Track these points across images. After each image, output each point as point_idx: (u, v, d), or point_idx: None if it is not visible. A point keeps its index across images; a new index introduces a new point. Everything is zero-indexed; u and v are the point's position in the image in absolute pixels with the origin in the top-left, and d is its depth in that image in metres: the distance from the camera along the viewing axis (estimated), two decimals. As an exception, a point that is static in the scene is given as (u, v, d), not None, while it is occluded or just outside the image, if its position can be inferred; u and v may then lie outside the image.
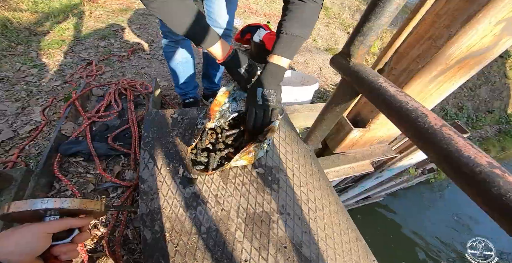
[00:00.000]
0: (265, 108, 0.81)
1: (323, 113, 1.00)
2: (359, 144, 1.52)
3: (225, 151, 0.95)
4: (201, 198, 0.91)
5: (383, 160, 2.33)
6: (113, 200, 1.01)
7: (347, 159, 1.55)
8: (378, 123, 1.38)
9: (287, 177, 1.01)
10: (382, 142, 1.66)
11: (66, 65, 2.33)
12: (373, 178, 2.83)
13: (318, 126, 1.04)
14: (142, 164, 0.96)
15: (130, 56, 2.60)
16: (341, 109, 0.93)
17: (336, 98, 0.92)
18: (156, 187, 0.91)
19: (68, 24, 2.93)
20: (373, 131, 1.44)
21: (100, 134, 1.21)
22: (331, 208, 0.97)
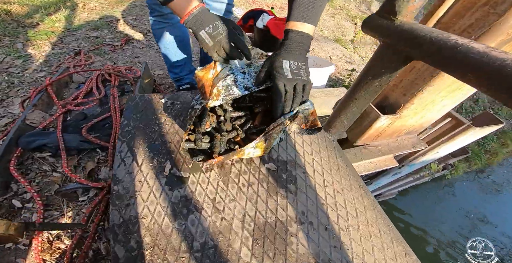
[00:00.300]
0: (296, 82, 0.61)
1: (353, 92, 0.76)
2: (385, 134, 1.28)
3: (232, 133, 0.72)
4: (194, 204, 0.68)
5: (404, 154, 2.08)
6: (83, 204, 0.80)
7: (371, 152, 1.31)
8: (412, 109, 1.13)
9: (307, 174, 0.78)
10: (411, 132, 1.41)
11: (53, 56, 2.15)
12: (391, 174, 2.57)
13: (346, 109, 0.80)
14: (118, 159, 0.74)
15: (123, 46, 2.40)
16: (381, 83, 0.69)
17: (375, 69, 0.68)
18: (134, 189, 0.69)
19: (60, 16, 2.76)
20: (404, 118, 1.19)
21: (75, 124, 1.00)
22: (368, 214, 0.73)
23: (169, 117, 0.89)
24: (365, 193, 0.79)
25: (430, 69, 1.00)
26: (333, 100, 1.30)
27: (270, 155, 0.80)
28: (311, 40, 0.64)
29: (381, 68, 0.66)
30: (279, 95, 0.61)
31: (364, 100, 0.75)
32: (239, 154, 0.66)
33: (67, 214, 0.82)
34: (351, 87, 0.79)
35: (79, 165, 0.90)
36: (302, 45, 0.63)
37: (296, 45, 0.62)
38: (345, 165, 0.82)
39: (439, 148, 1.88)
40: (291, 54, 0.62)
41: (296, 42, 0.62)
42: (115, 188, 0.69)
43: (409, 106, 1.10)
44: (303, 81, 0.61)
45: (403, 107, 1.12)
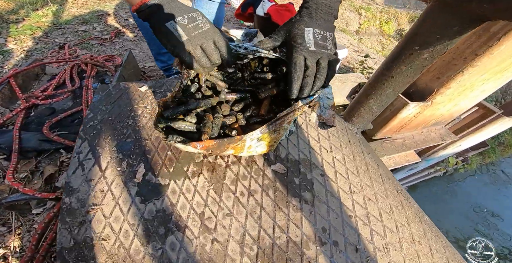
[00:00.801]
0: (321, 56, 0.45)
1: (388, 68, 0.57)
2: (411, 125, 1.08)
3: (230, 118, 0.53)
4: (175, 220, 0.50)
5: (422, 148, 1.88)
6: (32, 221, 0.62)
7: (393, 146, 1.11)
8: (447, 95, 0.93)
9: (326, 177, 0.59)
10: (438, 123, 1.21)
11: (36, 50, 1.99)
12: (406, 170, 2.36)
13: (377, 91, 0.61)
14: (74, 163, 0.56)
15: (113, 39, 2.22)
16: (434, 54, 0.50)
17: (425, 35, 0.49)
18: (93, 202, 0.51)
19: (47, 11, 2.62)
20: (435, 107, 0.99)
21: (39, 120, 0.83)
22: (412, 228, 0.54)
23: (148, 108, 0.71)
24: (406, 200, 0.59)
25: (474, 47, 0.80)
26: (347, 87, 1.10)
27: (277, 153, 0.61)
28: (339, 5, 0.49)
29: (436, 34, 0.46)
30: (297, 71, 0.45)
31: (404, 78, 0.55)
32: (238, 147, 0.46)
33: (16, 230, 0.64)
34: (384, 62, 0.59)
35: (37, 170, 0.72)
36: (330, 10, 0.48)
37: (322, 10, 0.47)
38: (375, 163, 0.62)
39: (462, 141, 1.68)
40: (316, 20, 0.47)
41: (322, 5, 0.47)
42: (66, 201, 0.51)
43: (444, 91, 0.90)
44: (329, 55, 0.46)
45: (436, 93, 0.92)
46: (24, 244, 0.58)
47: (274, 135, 0.48)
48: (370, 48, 3.73)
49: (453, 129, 1.62)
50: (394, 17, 4.16)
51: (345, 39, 3.02)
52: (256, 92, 0.57)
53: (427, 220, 0.59)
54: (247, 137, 0.45)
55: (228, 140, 0.44)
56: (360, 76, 1.12)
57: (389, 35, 4.12)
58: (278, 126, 0.46)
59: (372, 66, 1.76)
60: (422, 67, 0.53)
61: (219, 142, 0.44)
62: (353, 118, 0.70)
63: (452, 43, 0.48)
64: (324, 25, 0.47)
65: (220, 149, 0.45)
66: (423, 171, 2.69)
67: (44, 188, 0.71)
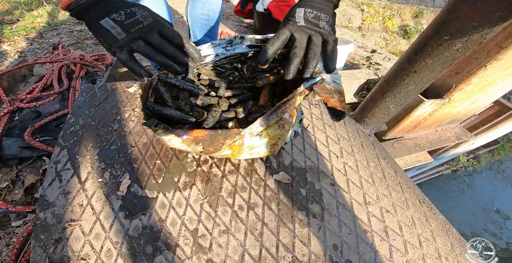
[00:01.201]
0: (313, 33, 0.41)
1: (410, 61, 0.49)
2: (425, 124, 0.99)
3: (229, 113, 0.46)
4: (164, 238, 0.44)
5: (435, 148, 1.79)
6: (12, 235, 0.56)
7: (406, 147, 1.03)
8: (467, 92, 0.85)
9: (337, 187, 0.51)
10: (453, 121, 1.12)
11: (30, 51, 1.95)
12: (415, 169, 2.28)
13: (395, 88, 0.53)
14: (51, 174, 0.49)
15: (107, 38, 2.17)
16: (469, 44, 0.44)
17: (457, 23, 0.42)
18: (71, 217, 0.45)
19: (42, 11, 2.57)
20: (453, 104, 0.90)
21: (22, 125, 0.77)
22: (438, 242, 0.47)
23: (136, 111, 0.64)
24: (430, 211, 0.52)
25: (498, 39, 0.72)
26: (354, 84, 1.02)
27: (280, 160, 0.53)
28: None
29: (472, 21, 0.39)
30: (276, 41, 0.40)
31: (430, 73, 0.48)
32: (235, 146, 0.39)
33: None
34: (404, 55, 0.51)
35: (18, 179, 0.66)
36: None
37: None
38: (393, 170, 0.54)
39: (476, 139, 1.59)
40: (311, 3, 0.45)
41: None
42: (40, 216, 0.45)
43: (463, 87, 0.82)
44: (322, 33, 0.41)
45: (454, 90, 0.83)
46: (4, 258, 0.53)
47: (278, 131, 0.41)
48: (374, 44, 3.63)
49: (467, 127, 1.53)
50: (397, 13, 4.04)
51: (348, 35, 2.93)
52: (255, 82, 0.51)
53: (455, 232, 0.51)
54: (246, 131, 0.37)
55: (223, 132, 0.37)
56: (369, 72, 1.04)
57: (392, 31, 4.00)
58: (280, 117, 0.39)
59: (379, 62, 1.67)
60: (452, 60, 0.45)
61: (211, 134, 0.36)
62: (365, 119, 0.63)
63: (492, 32, 0.40)
64: (318, 6, 0.45)
65: (213, 144, 0.37)
66: (431, 169, 2.60)
67: (24, 199, 0.64)
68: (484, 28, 0.41)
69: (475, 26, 0.41)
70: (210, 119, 0.43)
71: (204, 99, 0.47)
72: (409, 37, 3.63)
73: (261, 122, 0.38)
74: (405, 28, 3.83)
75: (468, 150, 1.90)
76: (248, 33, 2.45)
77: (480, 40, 0.42)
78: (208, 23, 1.09)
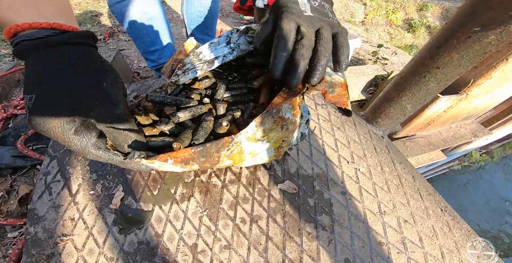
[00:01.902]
0: (322, 25, 0.32)
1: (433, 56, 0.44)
2: (439, 121, 0.93)
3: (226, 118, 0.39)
4: (161, 255, 0.40)
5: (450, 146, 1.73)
6: (8, 246, 0.53)
7: (418, 146, 0.97)
8: (486, 87, 0.79)
9: (349, 195, 0.47)
10: (469, 117, 1.06)
11: None
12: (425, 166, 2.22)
13: (414, 86, 0.48)
14: (40, 186, 0.46)
15: (107, 40, 2.13)
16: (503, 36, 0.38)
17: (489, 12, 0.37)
18: (62, 232, 0.42)
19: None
20: (470, 100, 0.84)
21: (16, 133, 0.74)
22: (463, 254, 0.43)
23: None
24: (453, 219, 0.47)
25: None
26: (362, 80, 0.97)
27: (285, 168, 0.49)
28: None
29: (509, 10, 0.33)
30: (283, 39, 0.30)
31: (455, 69, 0.43)
32: (235, 154, 0.34)
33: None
34: (423, 50, 0.46)
35: (13, 189, 0.63)
36: None
37: None
38: (410, 175, 0.50)
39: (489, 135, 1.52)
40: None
41: None
42: (31, 231, 0.42)
43: (482, 82, 0.76)
44: (332, 25, 0.33)
45: (472, 85, 0.77)
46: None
47: (282, 133, 0.36)
48: (378, 38, 3.53)
49: (481, 122, 1.46)
50: (401, 6, 3.92)
51: (352, 29, 2.84)
52: (251, 82, 0.46)
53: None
54: (241, 136, 0.32)
55: (213, 144, 0.31)
56: (377, 68, 0.99)
57: (396, 25, 3.89)
58: (281, 117, 0.34)
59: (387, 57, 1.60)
60: (483, 54, 0.40)
61: (199, 150, 0.31)
62: (378, 120, 0.58)
63: None
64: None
65: (208, 160, 0.33)
66: (443, 165, 2.53)
67: (19, 209, 0.62)
68: None
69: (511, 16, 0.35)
70: (201, 133, 0.35)
71: (194, 110, 0.40)
72: (414, 31, 3.51)
73: (256, 124, 0.33)
74: (410, 22, 3.72)
75: (481, 145, 1.82)
76: (248, 30, 2.39)
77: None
78: (205, 21, 1.03)
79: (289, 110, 0.35)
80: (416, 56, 0.48)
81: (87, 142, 0.30)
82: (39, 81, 0.28)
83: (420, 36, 3.60)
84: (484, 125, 1.42)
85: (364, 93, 1.05)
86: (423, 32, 3.65)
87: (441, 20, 3.75)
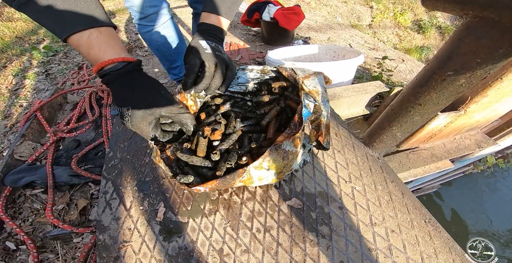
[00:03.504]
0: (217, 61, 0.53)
1: (416, 94, 0.53)
2: (441, 134, 0.99)
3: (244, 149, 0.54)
4: (196, 257, 0.52)
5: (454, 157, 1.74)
6: (76, 249, 0.68)
7: (421, 158, 1.03)
8: (483, 103, 0.84)
9: (345, 210, 0.56)
10: (473, 129, 1.10)
11: (58, 72, 2.14)
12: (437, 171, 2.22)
13: (402, 118, 0.57)
14: (102, 202, 0.60)
15: (127, 56, 2.34)
16: (472, 80, 0.46)
17: (462, 59, 0.45)
18: (123, 239, 0.55)
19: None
20: (469, 115, 0.90)
21: (67, 154, 0.89)
22: (440, 259, 0.52)
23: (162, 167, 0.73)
24: (435, 230, 0.55)
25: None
26: (365, 97, 1.05)
27: (292, 187, 0.60)
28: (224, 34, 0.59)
29: (476, 58, 0.42)
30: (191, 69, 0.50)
31: (434, 105, 0.51)
32: (246, 180, 0.47)
33: (62, 257, 0.71)
34: (409, 87, 0.55)
35: (71, 202, 0.78)
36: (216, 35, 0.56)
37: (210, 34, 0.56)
38: (400, 192, 0.58)
39: (502, 140, 1.52)
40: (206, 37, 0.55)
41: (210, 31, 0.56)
42: (100, 238, 0.55)
43: (479, 100, 0.82)
44: (224, 61, 0.53)
45: (470, 102, 0.83)
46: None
47: (282, 162, 0.48)
48: (387, 41, 3.50)
49: (490, 130, 1.47)
50: (409, 8, 3.86)
51: (359, 36, 2.86)
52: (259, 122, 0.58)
53: (458, 249, 0.54)
54: (250, 167, 0.45)
55: (231, 176, 0.45)
56: (379, 85, 1.06)
57: (405, 27, 3.83)
58: (282, 152, 0.45)
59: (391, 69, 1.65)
60: (456, 94, 0.48)
61: (222, 181, 0.45)
62: (374, 144, 0.66)
63: (496, 68, 0.42)
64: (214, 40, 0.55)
65: (226, 186, 0.47)
66: (456, 170, 2.50)
67: (79, 219, 0.77)
68: (488, 64, 0.43)
69: (479, 63, 0.43)
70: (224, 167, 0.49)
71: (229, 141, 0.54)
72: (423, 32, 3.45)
73: (263, 157, 0.45)
74: (419, 23, 3.65)
75: (495, 151, 1.82)
76: (256, 42, 2.49)
77: (483, 75, 0.44)
78: None
79: (290, 144, 0.46)
80: (403, 92, 0.56)
81: (155, 134, 0.46)
82: (126, 97, 0.43)
83: (431, 36, 3.54)
84: (494, 134, 1.44)
85: (368, 108, 1.12)
86: (433, 32, 3.58)
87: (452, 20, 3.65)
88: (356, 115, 1.09)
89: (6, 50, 2.34)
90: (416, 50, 3.35)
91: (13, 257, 0.72)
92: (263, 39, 2.50)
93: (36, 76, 2.04)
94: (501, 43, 0.40)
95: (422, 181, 2.46)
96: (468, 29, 0.43)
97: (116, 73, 0.43)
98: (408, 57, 2.22)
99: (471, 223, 3.39)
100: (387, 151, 0.68)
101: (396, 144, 0.64)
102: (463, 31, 0.45)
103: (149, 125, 0.45)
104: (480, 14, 0.39)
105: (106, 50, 0.42)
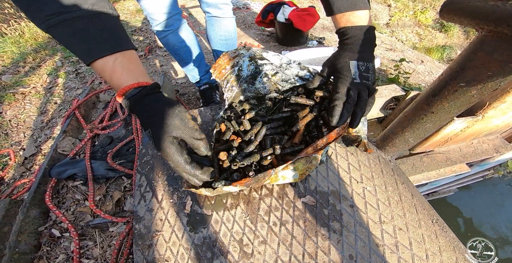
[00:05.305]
0: (364, 88, 0.49)
1: (429, 103, 0.56)
2: (457, 139, 0.99)
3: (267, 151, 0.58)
4: (219, 246, 0.58)
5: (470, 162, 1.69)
6: (111, 237, 0.77)
7: (435, 162, 1.04)
8: (501, 109, 0.84)
9: (356, 208, 0.61)
10: (492, 133, 1.08)
11: (87, 71, 2.28)
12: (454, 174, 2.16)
13: (414, 125, 0.60)
14: (138, 195, 0.68)
15: (147, 55, 2.45)
16: (483, 91, 0.49)
17: (474, 71, 0.47)
18: (156, 229, 0.62)
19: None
20: (487, 120, 0.90)
21: (102, 149, 1.00)
22: (444, 256, 0.55)
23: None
24: (441, 229, 0.58)
25: None
26: (380, 101, 1.06)
27: (307, 186, 0.65)
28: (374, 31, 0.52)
29: (487, 71, 0.45)
30: (339, 100, 0.49)
31: (446, 114, 0.54)
32: (272, 178, 0.55)
33: (100, 244, 0.81)
34: (423, 96, 0.58)
35: (107, 194, 0.88)
36: (369, 41, 0.50)
37: (362, 43, 0.50)
38: (409, 193, 0.62)
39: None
40: (358, 53, 0.50)
41: (362, 38, 0.50)
42: (136, 227, 0.63)
43: (498, 105, 0.82)
44: (369, 86, 0.50)
45: (488, 107, 0.84)
46: (107, 256, 0.74)
47: (307, 165, 0.53)
48: (405, 40, 3.39)
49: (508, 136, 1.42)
50: (431, 6, 3.68)
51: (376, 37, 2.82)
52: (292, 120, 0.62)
53: (462, 248, 0.57)
54: (278, 170, 0.51)
55: (262, 175, 0.51)
56: (395, 89, 1.07)
57: (426, 25, 3.67)
58: (309, 158, 0.51)
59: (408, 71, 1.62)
60: (468, 104, 0.50)
61: (255, 178, 0.51)
62: (386, 147, 0.70)
63: (506, 80, 0.45)
64: (366, 56, 0.50)
65: (258, 183, 0.54)
66: (475, 174, 2.41)
67: (115, 209, 0.87)
68: (499, 77, 0.45)
69: (490, 76, 0.46)
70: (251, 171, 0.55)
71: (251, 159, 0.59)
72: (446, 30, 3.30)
73: (292, 164, 0.51)
74: (442, 21, 3.49)
75: (517, 155, 1.74)
76: (270, 42, 2.52)
77: (494, 87, 0.47)
78: (227, 42, 1.22)
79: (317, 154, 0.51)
80: (417, 100, 0.59)
81: (180, 157, 0.46)
82: (145, 120, 0.45)
83: (454, 35, 3.38)
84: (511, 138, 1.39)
85: (383, 111, 1.13)
86: (457, 31, 3.41)
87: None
88: (370, 118, 1.11)
89: (40, 51, 2.54)
90: (438, 49, 3.22)
91: (57, 244, 0.83)
92: (277, 40, 2.53)
93: (67, 75, 2.20)
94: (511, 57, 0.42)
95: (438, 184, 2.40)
96: (482, 42, 0.46)
97: (134, 98, 0.44)
98: (427, 58, 2.16)
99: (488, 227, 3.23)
100: (400, 154, 0.71)
101: (408, 148, 0.67)
102: (477, 45, 0.47)
103: (171, 147, 0.44)
104: (494, 29, 0.42)
105: (126, 75, 0.44)
